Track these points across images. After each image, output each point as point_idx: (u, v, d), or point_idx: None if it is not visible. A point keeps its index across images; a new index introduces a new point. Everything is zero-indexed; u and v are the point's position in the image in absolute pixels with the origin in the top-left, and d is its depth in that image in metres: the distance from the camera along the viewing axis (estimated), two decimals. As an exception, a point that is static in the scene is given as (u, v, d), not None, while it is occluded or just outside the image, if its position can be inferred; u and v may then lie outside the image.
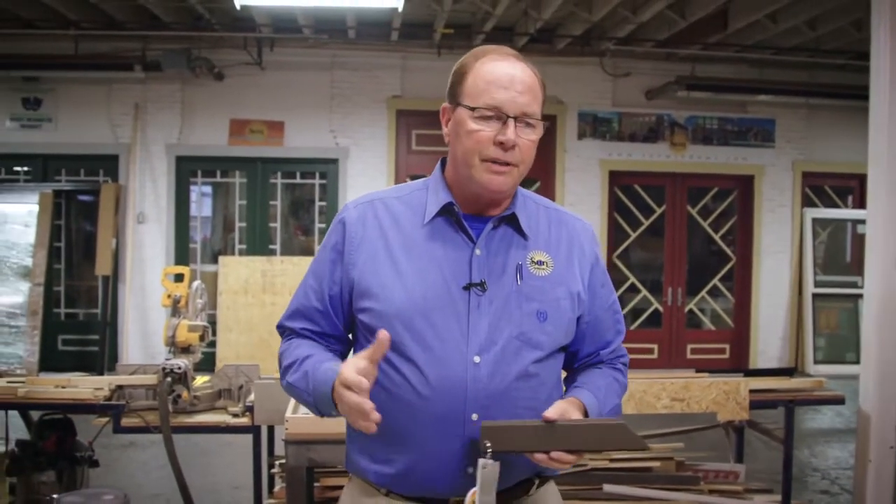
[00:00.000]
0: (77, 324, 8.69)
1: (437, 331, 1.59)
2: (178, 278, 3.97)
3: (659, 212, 9.31)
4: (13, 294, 7.71)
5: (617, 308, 1.83)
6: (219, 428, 3.52)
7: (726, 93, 8.84)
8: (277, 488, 3.93)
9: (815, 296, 9.21)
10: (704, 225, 9.41)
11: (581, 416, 1.61)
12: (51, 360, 8.01)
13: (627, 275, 9.24)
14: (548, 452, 1.51)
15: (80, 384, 3.63)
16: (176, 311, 3.84)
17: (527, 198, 1.75)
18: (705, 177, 9.26)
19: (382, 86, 8.66)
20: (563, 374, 1.80)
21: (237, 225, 8.85)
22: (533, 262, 1.67)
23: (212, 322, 5.98)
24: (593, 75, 8.89)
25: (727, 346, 9.43)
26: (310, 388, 1.59)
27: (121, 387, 3.59)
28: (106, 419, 3.57)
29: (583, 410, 1.63)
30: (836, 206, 9.65)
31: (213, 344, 7.81)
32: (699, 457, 4.18)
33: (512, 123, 1.58)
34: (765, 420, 4.30)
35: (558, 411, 1.56)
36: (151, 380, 3.57)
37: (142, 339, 8.32)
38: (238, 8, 6.68)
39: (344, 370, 1.48)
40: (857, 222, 9.30)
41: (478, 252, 1.64)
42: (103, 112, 8.41)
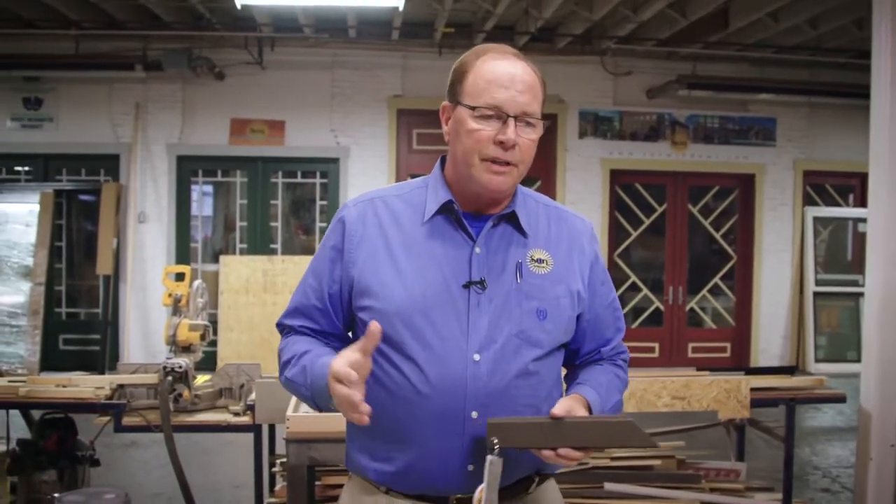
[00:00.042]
0: (78, 323, 8.69)
1: (436, 329, 1.59)
2: (179, 277, 3.97)
3: (660, 211, 9.30)
4: (14, 294, 7.73)
5: (617, 305, 1.84)
6: (220, 427, 3.52)
7: (727, 91, 8.83)
8: (278, 487, 3.93)
9: (816, 294, 9.20)
10: (705, 224, 9.40)
11: (586, 412, 1.61)
12: (52, 360, 8.02)
13: (628, 274, 9.23)
14: (555, 449, 1.52)
15: (81, 383, 3.63)
16: (177, 311, 3.84)
17: (527, 196, 1.75)
18: (706, 175, 9.25)
19: (383, 85, 8.66)
20: (563, 371, 1.80)
21: (238, 224, 8.85)
22: (533, 260, 1.67)
23: (213, 321, 5.98)
24: (594, 74, 8.88)
25: (728, 344, 9.42)
26: (307, 383, 1.59)
27: (122, 386, 3.59)
28: (107, 418, 3.57)
29: (587, 407, 1.63)
30: (838, 205, 9.63)
31: (214, 343, 7.81)
32: (700, 455, 4.17)
33: (512, 123, 1.58)
34: (766, 418, 4.30)
35: (565, 408, 1.56)
36: (152, 379, 3.57)
37: (143, 339, 8.32)
38: (239, 7, 6.68)
39: (334, 363, 1.48)
40: (858, 221, 9.29)
41: (477, 250, 1.64)
42: (104, 112, 8.41)
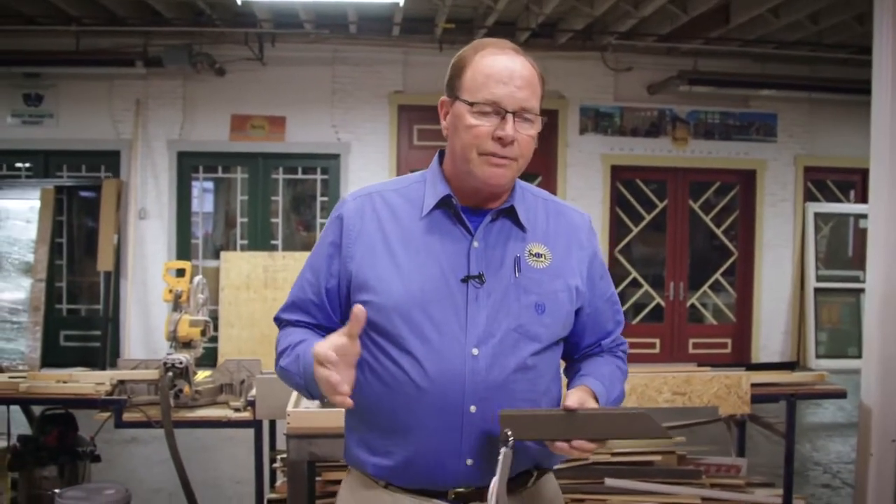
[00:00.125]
0: (79, 319, 8.70)
1: (435, 323, 1.59)
2: (180, 273, 3.96)
3: (661, 206, 9.29)
4: (15, 290, 7.73)
5: (616, 299, 1.84)
6: (220, 422, 3.52)
7: (728, 87, 8.82)
8: (279, 483, 3.93)
9: (816, 290, 9.20)
10: (706, 220, 9.40)
11: (595, 404, 1.61)
12: (53, 356, 8.03)
13: (629, 269, 9.23)
14: (569, 441, 1.51)
15: (82, 379, 3.63)
16: (177, 307, 3.83)
17: (525, 190, 1.74)
18: (707, 171, 9.24)
19: (384, 81, 8.65)
20: (561, 364, 1.80)
21: (239, 220, 8.85)
22: (531, 254, 1.67)
23: (213, 317, 5.98)
24: (595, 70, 8.87)
25: (729, 340, 9.42)
26: (301, 371, 1.60)
27: (122, 382, 3.59)
28: (107, 414, 3.57)
29: (594, 398, 1.63)
30: (839, 201, 9.62)
31: (214, 339, 7.82)
32: (701, 451, 4.18)
33: (510, 119, 1.58)
34: (766, 414, 4.30)
35: (577, 400, 1.56)
36: (153, 375, 3.57)
37: (143, 335, 8.33)
38: (239, 3, 6.68)
39: (316, 345, 1.50)
40: (859, 217, 9.28)
41: (476, 244, 1.63)
42: (105, 108, 8.41)
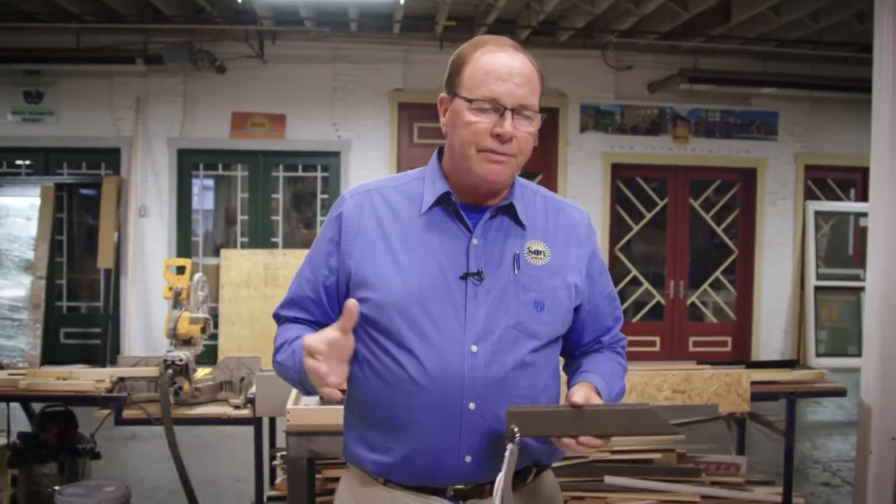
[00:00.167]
0: (79, 317, 8.70)
1: (434, 320, 1.59)
2: (180, 271, 3.96)
3: (661, 205, 9.29)
4: (15, 287, 7.73)
5: (615, 295, 1.84)
6: (220, 420, 3.52)
7: (729, 85, 8.81)
8: (279, 480, 3.94)
9: (817, 289, 9.20)
10: (707, 218, 9.39)
11: (598, 400, 1.61)
12: (53, 353, 8.02)
13: (630, 268, 9.23)
14: (575, 437, 1.51)
15: (82, 376, 3.63)
16: (177, 304, 3.83)
17: (524, 187, 1.74)
18: (708, 170, 9.23)
19: (384, 79, 8.65)
20: (560, 361, 1.80)
21: (239, 218, 8.85)
22: (530, 251, 1.67)
23: (214, 315, 5.99)
24: (595, 68, 8.86)
25: (729, 338, 9.42)
26: (296, 366, 1.60)
27: (122, 379, 3.59)
28: (107, 411, 3.57)
29: (597, 394, 1.63)
30: (839, 199, 9.62)
31: (214, 337, 7.82)
32: (701, 449, 4.18)
33: (509, 116, 1.57)
34: (766, 412, 4.30)
35: (583, 396, 1.56)
36: (153, 372, 3.57)
37: (144, 332, 8.33)
38: (239, 0, 6.68)
39: (307, 338, 1.50)
40: (859, 215, 9.27)
41: (475, 242, 1.63)
42: (105, 105, 8.40)
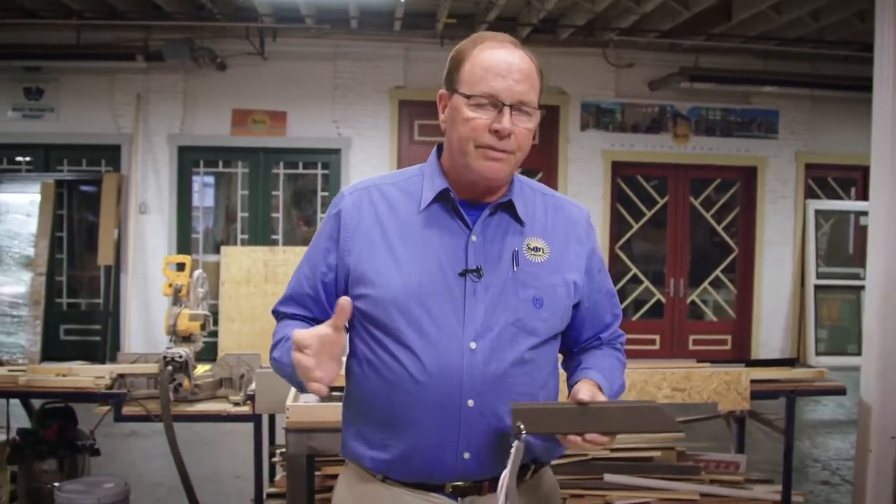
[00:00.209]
0: (79, 313, 8.70)
1: (433, 317, 1.59)
2: (180, 267, 3.97)
3: (661, 203, 9.28)
4: (15, 284, 7.74)
5: (613, 292, 1.84)
6: (220, 417, 3.53)
7: (729, 84, 8.80)
8: (278, 477, 3.94)
9: (817, 287, 9.20)
10: (707, 216, 9.39)
11: (603, 397, 1.61)
12: (53, 350, 8.03)
13: (630, 266, 9.23)
14: (581, 434, 1.51)
15: (81, 373, 3.63)
16: (177, 300, 3.84)
17: (523, 184, 1.74)
18: (708, 168, 9.23)
19: (385, 76, 8.64)
20: (559, 358, 1.80)
21: (239, 215, 8.85)
22: (529, 248, 1.67)
23: (214, 312, 5.99)
24: (596, 66, 8.86)
25: (729, 337, 9.42)
26: (290, 362, 1.58)
27: (122, 375, 3.60)
28: (107, 408, 3.57)
29: (600, 391, 1.63)
30: (839, 198, 9.61)
31: (215, 334, 7.83)
32: (700, 447, 4.18)
33: (507, 112, 1.57)
34: (766, 411, 4.30)
35: (589, 394, 1.56)
36: (152, 368, 3.57)
37: (144, 329, 8.33)
38: (240, -3, 6.67)
39: (296, 332, 1.50)
40: (859, 214, 9.27)
41: (474, 238, 1.63)
42: (105, 102, 8.40)
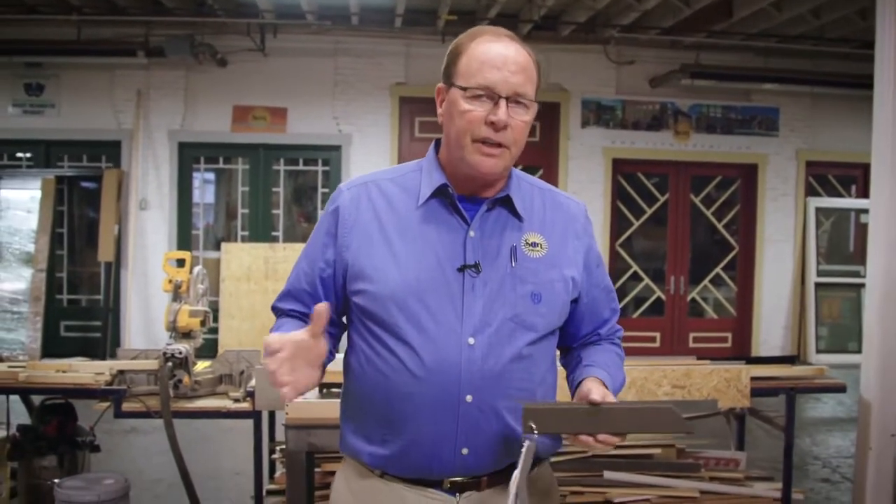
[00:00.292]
0: (79, 310, 8.71)
1: (431, 312, 1.59)
2: (180, 263, 3.97)
3: (662, 200, 9.28)
4: (16, 280, 7.74)
5: (611, 287, 1.84)
6: (220, 413, 3.53)
7: (730, 81, 8.79)
8: (278, 473, 3.95)
9: (817, 285, 9.20)
10: (707, 214, 9.38)
11: (612, 397, 1.61)
12: (53, 346, 8.03)
13: (630, 263, 9.22)
14: (594, 435, 1.51)
15: (81, 369, 3.64)
16: (177, 297, 3.83)
17: (521, 179, 1.74)
18: (709, 165, 9.23)
19: (386, 72, 8.63)
20: (557, 353, 1.80)
21: (240, 212, 8.85)
22: (527, 243, 1.67)
23: (214, 309, 5.98)
24: (597, 63, 8.85)
25: (729, 334, 9.42)
26: None
27: (122, 372, 3.60)
28: (107, 404, 3.58)
29: (606, 389, 1.63)
30: (840, 196, 9.62)
31: (215, 331, 7.83)
32: (700, 444, 4.19)
33: (504, 104, 1.57)
34: (766, 408, 4.31)
35: (600, 394, 1.56)
36: (152, 365, 3.57)
37: (144, 326, 8.33)
38: (241, -7, 6.66)
39: (269, 336, 1.50)
40: (860, 211, 9.27)
41: (472, 234, 1.63)
42: (106, 98, 8.39)
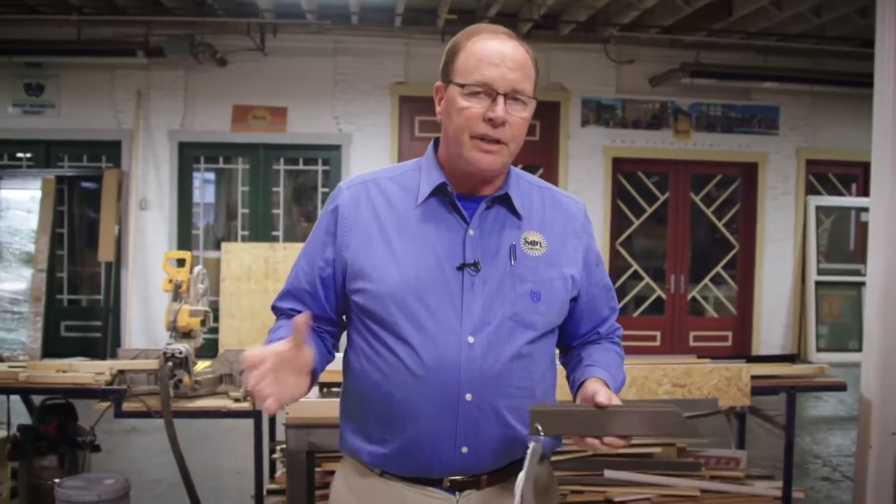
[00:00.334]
0: (80, 310, 8.71)
1: (430, 311, 1.59)
2: (180, 263, 3.96)
3: (662, 199, 9.28)
4: (16, 280, 7.75)
5: (610, 285, 1.84)
6: (220, 413, 3.52)
7: (730, 80, 8.78)
8: (279, 473, 3.95)
9: (818, 283, 9.20)
10: (708, 212, 9.38)
11: (617, 399, 1.60)
12: (53, 346, 8.03)
13: (630, 262, 9.22)
14: (600, 437, 1.51)
15: (82, 369, 3.64)
16: (177, 296, 3.83)
17: (520, 177, 1.74)
18: (709, 164, 9.23)
19: (386, 72, 8.63)
20: (556, 352, 1.79)
21: (240, 211, 8.84)
22: (526, 242, 1.67)
23: (214, 308, 5.98)
24: (597, 62, 8.84)
25: (730, 333, 9.41)
26: None
27: (122, 371, 3.60)
28: (107, 404, 3.58)
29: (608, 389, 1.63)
30: (840, 194, 9.61)
31: (215, 330, 7.83)
32: (700, 443, 4.18)
33: (501, 100, 1.57)
34: (766, 407, 4.31)
35: (607, 396, 1.55)
36: (153, 364, 3.57)
37: (144, 326, 8.33)
38: (240, -7, 6.66)
39: (249, 350, 1.47)
40: (860, 210, 9.27)
41: (471, 232, 1.63)
42: (106, 98, 8.39)
